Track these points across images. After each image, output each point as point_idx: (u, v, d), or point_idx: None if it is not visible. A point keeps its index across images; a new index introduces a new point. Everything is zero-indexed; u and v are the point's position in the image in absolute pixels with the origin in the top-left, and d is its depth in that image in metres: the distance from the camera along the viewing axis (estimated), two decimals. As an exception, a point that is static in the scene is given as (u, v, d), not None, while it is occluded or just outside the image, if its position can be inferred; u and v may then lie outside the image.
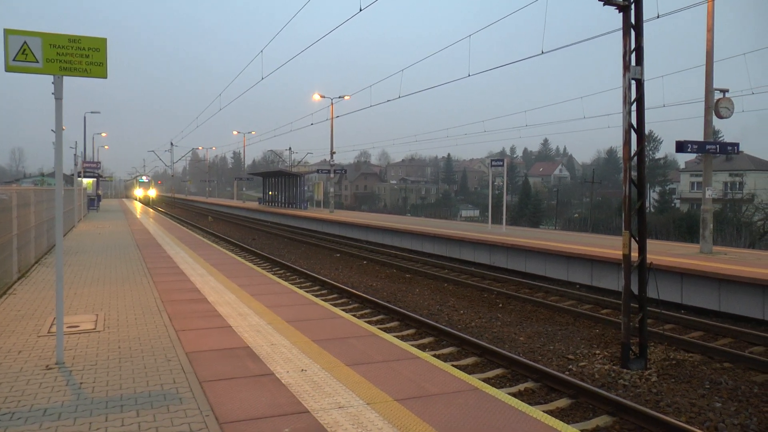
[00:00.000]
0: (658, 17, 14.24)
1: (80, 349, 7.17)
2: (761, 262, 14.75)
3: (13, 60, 6.27)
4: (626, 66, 9.60)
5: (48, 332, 7.94)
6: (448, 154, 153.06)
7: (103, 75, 6.68)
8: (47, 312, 9.22)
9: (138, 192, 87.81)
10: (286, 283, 12.38)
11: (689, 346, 10.51)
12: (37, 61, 6.38)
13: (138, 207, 58.76)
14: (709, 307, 13.22)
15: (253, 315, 9.13)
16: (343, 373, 6.28)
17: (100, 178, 56.82)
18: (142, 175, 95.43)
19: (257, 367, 6.47)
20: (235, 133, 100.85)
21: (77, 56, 6.53)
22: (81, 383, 5.93)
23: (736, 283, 12.64)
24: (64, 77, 6.61)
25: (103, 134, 73.72)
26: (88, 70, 6.59)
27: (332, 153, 45.00)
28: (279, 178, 56.52)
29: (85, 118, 53.05)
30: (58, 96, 6.66)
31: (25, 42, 6.31)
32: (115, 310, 9.43)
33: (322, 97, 43.50)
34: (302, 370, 6.40)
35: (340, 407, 5.31)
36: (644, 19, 9.69)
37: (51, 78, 6.60)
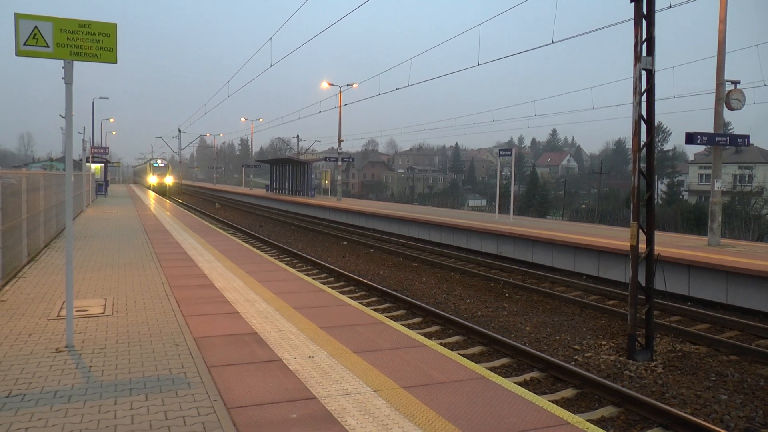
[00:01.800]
0: (670, 7, 14.14)
1: (89, 332, 7.23)
2: (770, 255, 14.69)
3: (24, 44, 6.28)
4: (637, 56, 9.54)
5: (58, 316, 8.01)
6: (456, 144, 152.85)
7: (113, 60, 6.69)
8: (57, 296, 9.30)
9: (152, 179, 68.92)
10: (293, 270, 12.42)
11: (695, 338, 10.50)
12: (48, 46, 6.39)
13: (152, 197, 49.64)
14: (716, 299, 13.20)
15: (261, 301, 9.18)
16: (351, 360, 6.32)
17: (108, 164, 56.99)
18: (157, 159, 74.96)
19: (265, 353, 6.51)
20: (243, 120, 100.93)
21: (88, 41, 6.54)
22: (90, 366, 5.98)
23: (743, 275, 12.61)
24: (75, 62, 6.62)
25: (111, 120, 74.08)
26: (98, 55, 6.60)
27: (340, 141, 44.98)
28: (287, 166, 56.55)
29: (93, 103, 53.19)
30: (68, 81, 6.67)
31: (35, 26, 6.32)
32: (124, 294, 9.50)
33: (331, 85, 43.43)
34: (310, 356, 6.44)
35: (347, 394, 5.34)
36: (656, 9, 9.61)
37: (61, 63, 6.61)
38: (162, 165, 70.36)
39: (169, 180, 68.86)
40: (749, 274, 12.44)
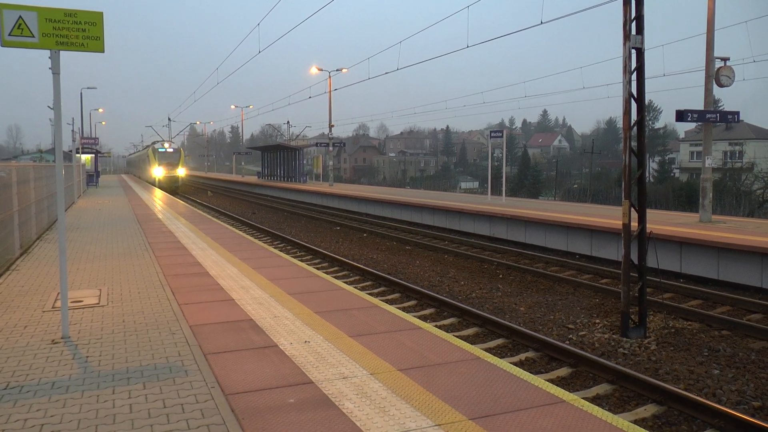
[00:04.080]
0: (658, -15, 14.08)
1: (85, 323, 7.24)
2: (760, 231, 14.81)
3: (9, 35, 6.21)
4: (626, 35, 9.53)
5: (52, 307, 8.00)
6: (447, 126, 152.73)
7: (100, 49, 6.63)
8: (51, 287, 9.28)
9: (157, 171, 49.16)
10: (287, 257, 12.43)
11: (688, 315, 10.60)
12: (33, 36, 6.32)
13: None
14: (708, 275, 13.30)
15: (255, 288, 9.20)
16: (347, 344, 6.35)
17: (99, 154, 56.62)
18: (163, 141, 53.38)
19: (261, 339, 6.54)
20: (232, 107, 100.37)
21: (74, 30, 6.48)
22: (87, 357, 5.99)
23: (734, 251, 12.71)
24: (61, 52, 6.57)
25: (100, 110, 73.51)
26: (84, 45, 6.54)
27: (330, 126, 44.85)
28: (278, 152, 56.38)
29: (81, 94, 52.74)
30: (55, 71, 6.62)
31: (20, 16, 6.25)
32: (118, 284, 9.49)
33: (320, 70, 43.22)
34: (305, 341, 6.47)
35: (344, 378, 5.38)
36: (645, -14, 9.59)
37: (47, 53, 6.56)
38: (171, 150, 50.81)
39: (182, 172, 50.64)
40: (740, 249, 12.54)
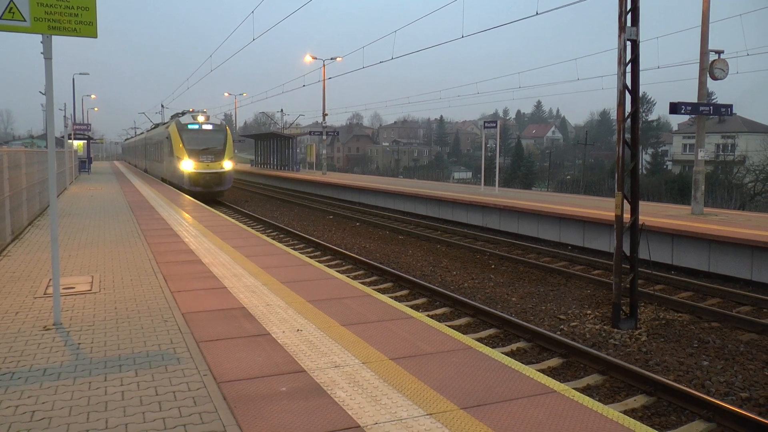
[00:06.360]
0: (654, -24, 14.06)
1: (77, 310, 7.21)
2: (751, 223, 14.88)
3: (0, 19, 6.15)
4: (622, 27, 9.52)
5: (44, 293, 7.97)
6: (441, 116, 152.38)
7: (93, 35, 6.57)
8: (43, 273, 9.24)
9: (186, 165, 28.41)
10: (279, 245, 12.41)
11: (679, 306, 10.66)
12: (25, 20, 6.25)
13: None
14: (699, 267, 13.38)
15: (248, 276, 9.19)
16: (339, 333, 6.36)
17: (91, 140, 56.27)
18: (195, 112, 31.53)
19: (253, 328, 6.54)
20: (226, 95, 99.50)
21: (66, 15, 6.41)
22: (79, 344, 5.98)
23: (725, 243, 12.78)
24: (54, 37, 6.50)
25: (93, 96, 73.06)
26: (77, 30, 6.47)
27: (324, 115, 44.70)
28: (271, 141, 56.15)
29: (73, 79, 52.34)
30: (47, 56, 6.55)
31: (11, 0, 6.18)
32: (111, 271, 9.46)
33: (314, 58, 43.03)
34: (298, 330, 6.47)
35: (335, 366, 5.39)
36: (641, -22, 9.58)
37: (39, 38, 6.49)
38: (210, 127, 30.27)
39: (229, 165, 30.04)
40: (731, 242, 12.61)
